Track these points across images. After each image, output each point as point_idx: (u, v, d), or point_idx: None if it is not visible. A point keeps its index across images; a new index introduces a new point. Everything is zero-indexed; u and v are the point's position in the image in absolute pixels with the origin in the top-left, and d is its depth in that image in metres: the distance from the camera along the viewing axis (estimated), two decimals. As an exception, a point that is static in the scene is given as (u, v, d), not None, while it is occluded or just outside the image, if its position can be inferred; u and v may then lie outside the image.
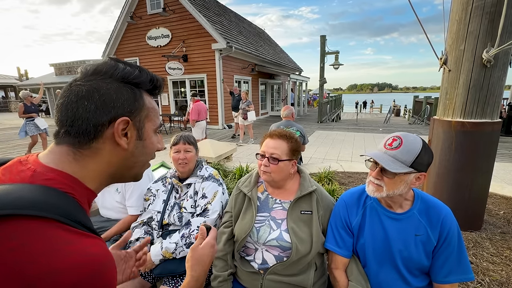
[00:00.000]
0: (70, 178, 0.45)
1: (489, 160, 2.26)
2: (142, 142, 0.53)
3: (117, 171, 0.52)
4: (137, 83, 0.50)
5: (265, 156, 1.16)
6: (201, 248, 0.73)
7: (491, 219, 2.58)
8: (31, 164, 0.43)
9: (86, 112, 0.45)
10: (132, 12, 10.79)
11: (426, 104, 12.08)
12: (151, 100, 0.55)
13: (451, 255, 0.99)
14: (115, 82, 0.47)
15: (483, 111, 2.17)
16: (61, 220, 0.37)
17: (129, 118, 0.48)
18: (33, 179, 0.41)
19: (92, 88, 0.45)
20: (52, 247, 0.35)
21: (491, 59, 2.02)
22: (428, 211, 1.03)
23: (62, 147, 0.46)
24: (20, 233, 0.34)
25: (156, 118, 0.56)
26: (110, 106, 0.46)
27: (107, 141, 0.48)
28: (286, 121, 3.57)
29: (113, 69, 0.48)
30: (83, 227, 0.40)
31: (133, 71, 0.50)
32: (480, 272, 1.85)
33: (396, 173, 0.93)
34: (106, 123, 0.46)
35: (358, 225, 1.11)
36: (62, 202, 0.40)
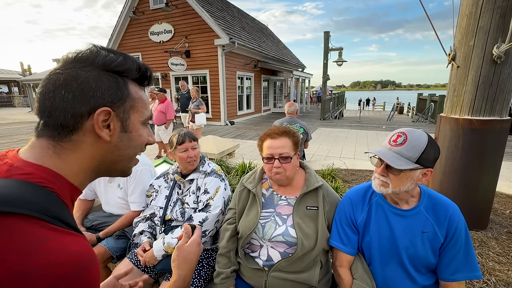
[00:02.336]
0: (50, 173, 0.42)
1: (497, 159, 2.22)
2: (127, 135, 0.49)
3: (101, 165, 0.49)
4: (121, 71, 0.47)
5: (273, 158, 1.13)
6: (188, 246, 0.72)
7: (497, 219, 2.55)
8: (9, 159, 0.41)
9: (64, 102, 0.42)
10: (135, 7, 10.74)
11: (430, 102, 11.96)
12: (139, 90, 0.51)
13: (458, 253, 0.97)
14: (95, 70, 0.44)
15: (492, 109, 2.13)
16: (37, 216, 0.35)
17: (111, 109, 0.45)
18: (9, 173, 0.39)
19: (70, 77, 0.43)
20: (26, 245, 0.32)
21: (501, 55, 1.97)
22: (435, 208, 1.01)
23: (42, 141, 0.44)
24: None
25: (144, 109, 0.52)
26: (89, 96, 0.43)
27: (87, 133, 0.45)
28: (290, 118, 3.54)
29: (93, 56, 0.45)
30: (63, 224, 0.38)
31: (116, 58, 0.47)
32: (486, 272, 1.83)
33: (401, 170, 0.91)
34: (85, 114, 0.43)
35: (363, 222, 1.09)
36: (40, 197, 0.38)
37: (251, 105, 13.06)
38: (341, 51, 11.16)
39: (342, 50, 11.15)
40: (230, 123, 10.64)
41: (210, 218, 1.38)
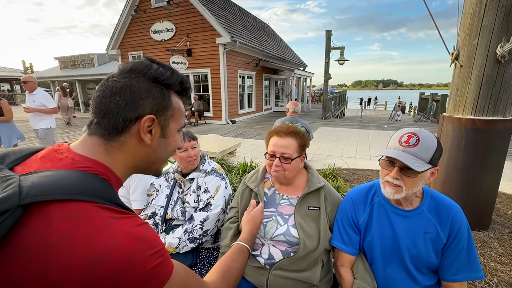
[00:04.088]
0: (104, 167, 0.49)
1: (500, 159, 2.20)
2: (165, 140, 0.56)
3: (140, 164, 0.56)
4: (168, 84, 0.53)
5: (275, 156, 1.13)
6: (253, 211, 1.05)
7: (499, 219, 2.54)
8: (66, 153, 0.47)
9: (117, 107, 0.48)
10: (136, 6, 10.72)
11: (432, 101, 11.90)
12: (179, 101, 0.57)
13: (461, 253, 0.97)
14: (147, 81, 0.50)
15: (495, 108, 2.11)
16: (105, 203, 0.43)
17: (155, 117, 0.51)
18: (74, 166, 0.45)
19: (125, 85, 0.49)
20: (106, 221, 0.40)
21: (505, 54, 1.95)
22: (437, 208, 1.00)
23: (94, 138, 0.50)
24: (80, 213, 0.39)
25: (181, 118, 0.58)
26: (139, 104, 0.49)
27: (133, 136, 0.51)
28: (291, 117, 3.53)
29: (147, 68, 0.51)
30: (119, 206, 0.45)
31: (165, 72, 0.53)
32: (488, 272, 1.82)
33: (419, 172, 0.89)
34: (133, 119, 0.50)
35: (365, 223, 1.09)
36: (103, 187, 0.46)
37: (252, 104, 13.05)
38: (343, 50, 11.10)
39: (344, 49, 11.09)
40: (231, 122, 10.64)
41: (211, 218, 1.38)
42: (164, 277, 0.45)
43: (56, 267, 0.36)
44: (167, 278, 0.45)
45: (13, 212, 0.36)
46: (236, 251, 0.85)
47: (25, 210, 0.37)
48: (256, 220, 1.01)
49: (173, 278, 0.47)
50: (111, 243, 0.39)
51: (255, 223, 1.00)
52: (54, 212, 0.38)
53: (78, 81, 15.52)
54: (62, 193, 0.39)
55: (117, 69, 0.52)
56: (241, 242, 0.91)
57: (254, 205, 1.05)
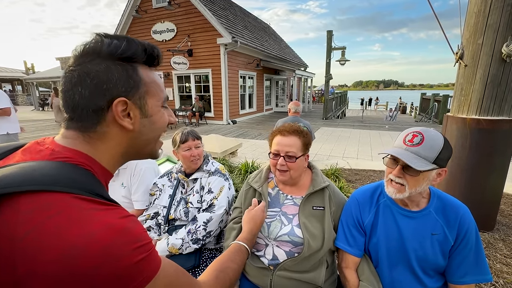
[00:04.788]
0: (86, 157, 0.46)
1: (505, 159, 2.18)
2: (148, 119, 0.51)
3: (129, 150, 0.52)
4: (129, 57, 0.47)
5: (279, 155, 1.12)
6: (254, 210, 1.02)
7: (504, 220, 2.51)
8: (48, 144, 0.45)
9: (83, 99, 0.44)
10: (138, 6, 10.74)
11: (434, 101, 11.86)
12: (150, 73, 0.51)
13: (469, 255, 0.95)
14: (104, 62, 0.45)
15: (500, 108, 2.09)
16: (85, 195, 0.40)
17: (126, 98, 0.46)
18: (53, 156, 0.43)
19: (82, 73, 0.44)
20: (84, 212, 0.38)
21: (511, 53, 1.93)
22: (445, 210, 0.98)
23: (71, 131, 0.47)
24: (54, 204, 0.37)
25: (160, 92, 0.53)
26: (104, 89, 0.45)
27: (110, 124, 0.47)
28: (293, 117, 3.52)
29: (99, 46, 0.45)
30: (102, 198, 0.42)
31: (120, 44, 0.46)
32: (494, 274, 1.80)
33: (420, 171, 0.87)
34: (104, 107, 0.45)
35: (370, 224, 1.07)
36: (83, 178, 0.43)
37: (253, 104, 13.04)
38: (344, 50, 11.09)
39: (345, 49, 11.08)
40: (232, 122, 10.63)
41: (215, 218, 1.36)
42: (150, 273, 0.42)
43: (23, 260, 0.34)
44: (153, 274, 0.42)
45: None
46: (234, 250, 0.81)
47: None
48: (256, 219, 0.98)
49: (159, 275, 0.44)
50: (86, 235, 0.36)
51: (256, 222, 0.97)
52: (24, 203, 0.36)
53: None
54: (34, 183, 0.37)
55: (71, 56, 0.47)
56: (239, 242, 0.86)
57: (256, 204, 1.04)
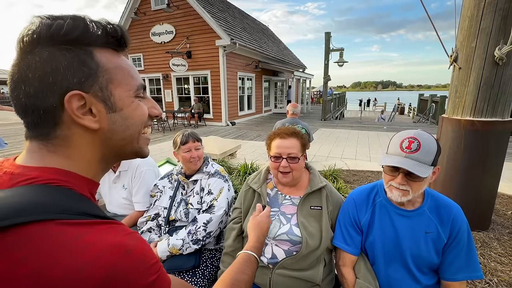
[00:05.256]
0: (58, 171, 0.38)
1: (499, 160, 2.23)
2: (118, 114, 0.42)
3: (106, 153, 0.43)
4: (77, 40, 0.37)
5: (281, 157, 1.15)
6: (259, 216, 0.95)
7: (499, 219, 2.55)
8: (7, 168, 0.38)
9: (29, 98, 0.36)
10: (136, 8, 10.77)
11: (431, 102, 11.94)
12: (113, 58, 0.41)
13: (461, 253, 0.98)
14: (45, 49, 0.36)
15: (493, 110, 2.14)
16: (60, 217, 0.33)
17: (81, 91, 0.37)
18: (12, 182, 0.35)
19: (22, 67, 0.36)
20: (66, 244, 0.31)
21: (503, 56, 1.98)
22: (438, 209, 1.02)
23: (33, 143, 0.39)
24: (25, 241, 0.30)
25: (129, 78, 0.43)
26: (50, 83, 0.36)
27: (71, 125, 0.38)
28: (292, 119, 3.55)
29: (37, 32, 0.36)
30: (90, 216, 0.36)
31: (63, 24, 0.36)
32: (488, 272, 1.84)
33: (425, 177, 0.90)
34: (57, 105, 0.37)
35: (367, 223, 1.10)
36: (55, 197, 0.35)
37: (252, 106, 13.08)
38: (342, 52, 11.16)
39: (343, 51, 11.15)
40: (231, 124, 10.66)
41: (214, 219, 1.39)
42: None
43: None
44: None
45: None
46: (243, 261, 0.75)
47: None
48: (262, 225, 0.93)
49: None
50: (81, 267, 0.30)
51: (262, 229, 0.92)
52: None
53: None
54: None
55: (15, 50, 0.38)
56: (248, 251, 0.80)
57: (260, 210, 1.00)
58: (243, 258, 0.76)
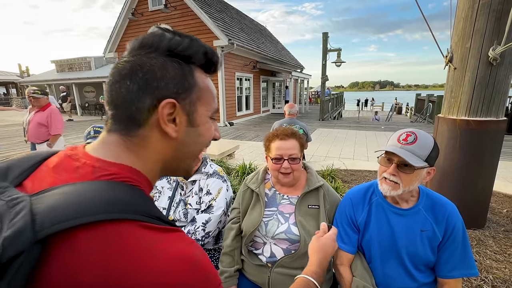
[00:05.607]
0: (132, 170, 0.40)
1: (494, 159, 2.26)
2: (194, 130, 0.45)
3: (168, 163, 0.46)
4: (188, 57, 0.42)
5: (282, 159, 1.17)
6: (324, 238, 0.86)
7: (495, 217, 2.59)
8: (84, 158, 0.39)
9: (129, 94, 0.39)
10: (134, 9, 10.75)
11: (428, 102, 12.03)
12: (205, 79, 0.46)
13: (456, 251, 1.00)
14: (161, 57, 0.40)
15: (488, 109, 2.17)
16: (141, 219, 0.34)
17: (176, 101, 0.41)
18: (95, 175, 0.37)
19: (135, 65, 0.40)
20: (149, 245, 0.32)
21: (497, 57, 2.01)
22: (433, 207, 1.03)
23: (113, 136, 0.41)
24: (114, 238, 0.31)
25: (212, 101, 0.47)
26: (154, 86, 0.39)
27: (154, 128, 0.41)
28: (290, 119, 3.56)
29: (158, 40, 0.41)
30: (161, 221, 0.37)
31: (182, 40, 0.42)
32: (484, 269, 1.86)
33: (415, 168, 0.93)
34: (150, 107, 0.40)
35: (364, 222, 1.12)
36: (136, 198, 0.37)
37: (250, 106, 13.09)
38: (340, 52, 11.21)
39: (341, 51, 11.20)
40: (230, 124, 10.66)
41: (213, 219, 1.40)
42: None
43: None
44: None
45: (28, 253, 0.27)
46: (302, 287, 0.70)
47: (45, 244, 0.29)
48: (327, 249, 0.84)
49: None
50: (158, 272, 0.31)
51: (326, 253, 0.83)
52: (82, 241, 0.30)
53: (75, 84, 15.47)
54: (87, 214, 0.31)
55: (127, 47, 0.43)
56: (307, 276, 0.73)
57: (325, 230, 0.88)
58: (302, 284, 0.71)
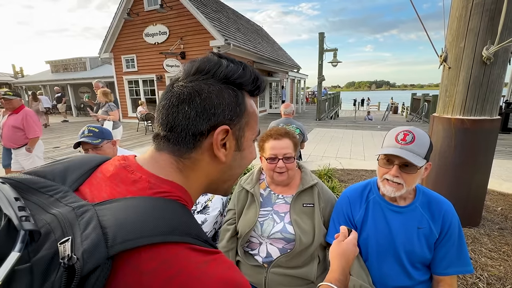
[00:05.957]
0: (182, 190, 0.41)
1: (488, 157, 2.28)
2: (240, 154, 0.46)
3: (212, 183, 0.47)
4: (240, 84, 0.43)
5: (277, 158, 1.17)
6: (345, 243, 0.84)
7: (489, 215, 2.61)
8: (139, 172, 0.40)
9: (186, 119, 0.40)
10: (129, 9, 10.67)
11: (424, 101, 12.14)
12: (252, 103, 0.47)
13: (452, 248, 1.00)
14: (218, 84, 0.41)
15: (482, 108, 2.19)
16: (195, 243, 0.35)
17: (229, 127, 0.42)
18: (152, 191, 0.38)
19: (193, 91, 0.40)
20: (200, 269, 0.32)
21: (491, 56, 2.03)
22: (430, 205, 1.04)
23: (164, 155, 0.42)
24: (172, 260, 0.31)
25: (256, 125, 0.49)
26: (211, 113, 0.40)
27: (205, 152, 0.42)
28: (286, 119, 3.56)
29: (216, 67, 0.42)
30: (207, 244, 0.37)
31: (237, 69, 0.43)
32: (479, 267, 1.88)
33: (418, 167, 0.93)
34: (205, 132, 0.41)
35: (361, 220, 1.12)
36: (189, 220, 0.37)
37: (247, 106, 13.07)
38: (336, 52, 11.25)
39: (337, 51, 11.25)
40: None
41: (209, 220, 1.39)
42: None
43: None
44: None
45: (103, 268, 0.27)
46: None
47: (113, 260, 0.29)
48: (349, 254, 0.82)
49: None
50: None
51: (348, 259, 0.82)
52: (145, 261, 0.30)
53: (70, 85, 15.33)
54: (151, 234, 0.31)
55: (182, 71, 0.44)
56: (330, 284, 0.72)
57: (345, 235, 0.86)
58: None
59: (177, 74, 0.44)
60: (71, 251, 0.27)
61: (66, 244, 0.27)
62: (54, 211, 0.32)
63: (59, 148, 6.69)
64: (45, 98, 11.65)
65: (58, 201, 0.34)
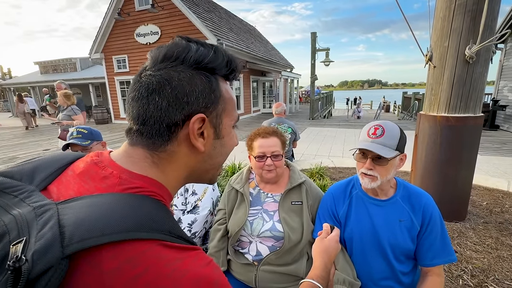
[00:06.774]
0: (156, 184, 0.40)
1: (472, 153, 2.35)
2: (220, 141, 0.45)
3: (193, 174, 0.45)
4: (213, 68, 0.41)
5: (265, 156, 1.19)
6: (327, 240, 0.85)
7: (475, 210, 2.69)
8: (110, 167, 0.38)
9: (158, 110, 0.38)
10: (120, 9, 10.54)
11: (414, 100, 12.35)
12: (228, 88, 0.44)
13: (436, 240, 1.04)
14: (188, 70, 0.39)
15: (466, 106, 2.25)
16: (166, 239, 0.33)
17: (205, 115, 0.40)
18: (122, 187, 0.36)
19: (162, 80, 0.38)
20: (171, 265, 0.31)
21: (473, 55, 2.09)
22: (410, 198, 1.08)
23: (138, 149, 0.40)
24: (138, 258, 0.30)
25: (234, 111, 0.46)
26: (184, 102, 0.38)
27: (182, 142, 0.41)
28: (278, 118, 3.59)
29: (185, 52, 0.39)
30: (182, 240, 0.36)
31: (208, 52, 0.40)
32: (464, 260, 1.94)
33: (389, 159, 0.97)
34: (179, 122, 0.39)
35: (345, 215, 1.15)
36: (160, 215, 0.36)
37: (241, 106, 13.07)
38: (328, 52, 11.35)
39: (329, 51, 11.35)
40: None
41: (199, 220, 1.40)
42: None
43: None
44: None
45: (56, 268, 0.26)
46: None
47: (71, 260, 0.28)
48: (331, 251, 0.83)
49: None
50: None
51: (330, 255, 0.83)
52: (106, 260, 0.29)
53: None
54: (113, 232, 0.30)
55: (149, 59, 0.41)
56: (313, 281, 0.72)
57: (328, 231, 0.88)
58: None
59: (145, 63, 0.41)
60: (21, 252, 0.26)
61: (18, 245, 0.26)
62: (14, 212, 0.31)
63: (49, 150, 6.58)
64: (31, 99, 11.45)
65: (22, 201, 0.33)
